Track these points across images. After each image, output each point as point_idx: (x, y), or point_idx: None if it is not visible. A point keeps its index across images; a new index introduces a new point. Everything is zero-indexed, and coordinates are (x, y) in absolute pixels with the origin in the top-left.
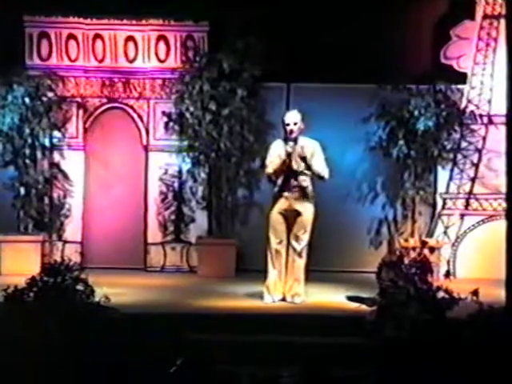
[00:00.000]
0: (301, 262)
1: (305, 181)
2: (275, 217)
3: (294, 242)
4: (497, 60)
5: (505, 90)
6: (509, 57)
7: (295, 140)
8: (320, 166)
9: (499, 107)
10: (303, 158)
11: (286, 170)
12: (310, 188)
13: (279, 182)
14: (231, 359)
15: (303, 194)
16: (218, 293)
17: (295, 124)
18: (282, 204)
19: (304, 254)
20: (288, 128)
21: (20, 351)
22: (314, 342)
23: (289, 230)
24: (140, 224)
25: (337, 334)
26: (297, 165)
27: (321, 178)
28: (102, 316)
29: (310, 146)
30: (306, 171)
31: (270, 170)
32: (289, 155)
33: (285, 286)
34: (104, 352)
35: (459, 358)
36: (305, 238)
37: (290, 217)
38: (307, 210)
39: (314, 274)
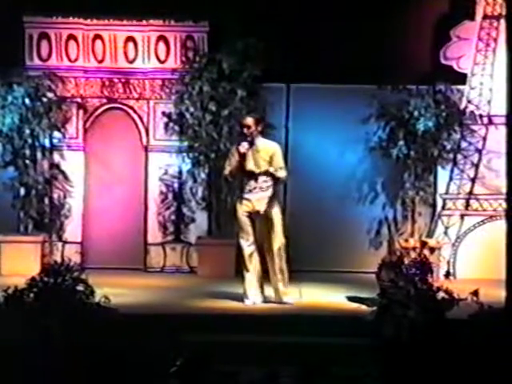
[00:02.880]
0: (280, 263)
1: (265, 182)
2: (241, 219)
3: (267, 245)
4: (497, 60)
5: (505, 90)
6: (509, 57)
7: (251, 142)
8: (276, 167)
9: (499, 108)
10: (260, 159)
11: (245, 171)
12: (271, 189)
13: (241, 184)
14: (231, 360)
15: (265, 195)
16: (217, 293)
17: (249, 128)
18: (245, 206)
19: (281, 255)
20: (244, 130)
21: (20, 352)
22: (314, 342)
23: (258, 231)
24: (140, 224)
25: (336, 335)
26: (256, 166)
27: (277, 178)
28: (102, 317)
29: (267, 148)
30: (266, 172)
31: (226, 171)
32: (243, 156)
33: (272, 289)
34: (104, 353)
35: (459, 359)
36: (276, 238)
37: (257, 218)
38: (272, 210)
39: (314, 274)
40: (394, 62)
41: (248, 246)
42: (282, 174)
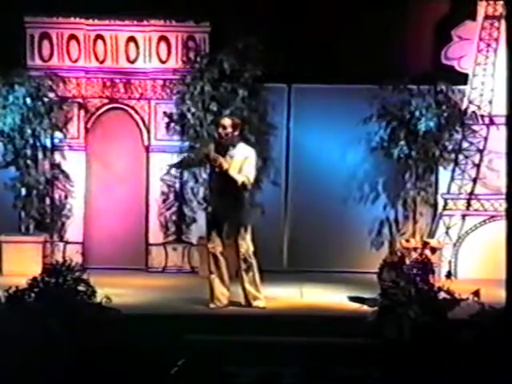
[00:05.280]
0: (249, 266)
1: (231, 187)
2: (209, 221)
3: (236, 248)
4: (498, 61)
5: (506, 90)
6: (509, 57)
7: (226, 145)
8: (242, 174)
9: (500, 108)
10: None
11: (218, 173)
12: (240, 192)
13: (210, 187)
14: (232, 360)
15: (234, 199)
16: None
17: (224, 128)
18: (214, 209)
19: (250, 258)
20: (219, 129)
21: (21, 352)
22: (315, 342)
23: (227, 234)
24: (141, 225)
25: (338, 335)
26: (218, 169)
27: (237, 184)
28: (104, 317)
29: (241, 154)
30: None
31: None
32: (207, 156)
33: (243, 292)
34: (105, 352)
35: (460, 359)
36: (244, 242)
37: (224, 221)
38: (239, 214)
39: (315, 274)
40: (395, 62)
41: (212, 247)
42: (240, 178)
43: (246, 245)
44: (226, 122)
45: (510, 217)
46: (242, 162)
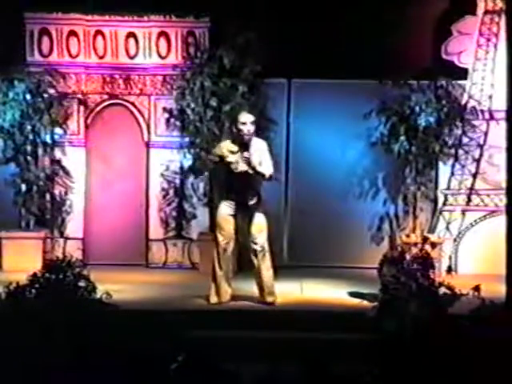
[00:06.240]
0: (264, 263)
1: (252, 182)
2: (223, 217)
3: (251, 244)
4: (498, 55)
5: (506, 85)
6: (509, 52)
7: (246, 142)
8: (265, 167)
9: (500, 103)
10: (247, 161)
11: (235, 172)
12: (259, 188)
13: (228, 183)
14: (232, 356)
15: (255, 194)
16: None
17: (250, 125)
18: (231, 205)
19: (267, 252)
20: (241, 127)
21: (22, 348)
22: (315, 337)
23: (238, 231)
24: (141, 220)
25: (338, 330)
26: (245, 165)
27: (263, 177)
28: (104, 313)
29: (258, 146)
30: (253, 172)
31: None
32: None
33: (257, 288)
34: (106, 348)
35: (461, 354)
36: (262, 235)
37: (241, 218)
38: (260, 208)
39: (316, 269)
40: (395, 57)
41: (225, 243)
42: (266, 171)
43: (263, 238)
44: (250, 118)
45: (511, 212)
46: (260, 156)
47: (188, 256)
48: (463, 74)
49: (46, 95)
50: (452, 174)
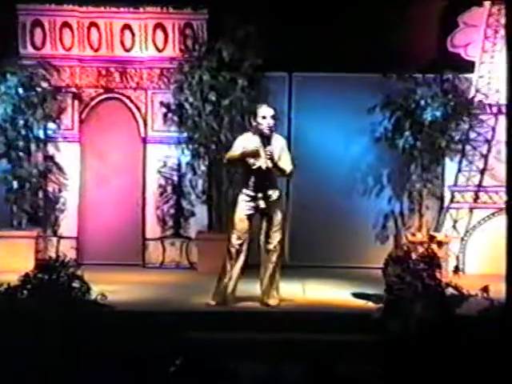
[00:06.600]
0: (275, 261)
1: (272, 179)
2: (240, 216)
3: (265, 243)
4: (506, 48)
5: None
6: (508, 46)
7: (267, 136)
8: (286, 163)
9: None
10: (270, 157)
11: (254, 168)
12: (277, 186)
13: (247, 179)
14: (232, 358)
15: (275, 191)
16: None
17: (272, 118)
18: (250, 202)
19: (281, 251)
20: (263, 121)
21: (14, 350)
22: (318, 339)
23: (266, 228)
24: (138, 219)
25: (342, 332)
26: (266, 163)
27: (284, 173)
28: (99, 314)
29: (279, 142)
30: (273, 169)
31: (225, 160)
32: (256, 151)
33: (261, 287)
34: (101, 351)
35: (468, 357)
36: (278, 234)
37: (257, 216)
38: (280, 206)
39: (319, 269)
40: (399, 49)
41: (239, 244)
42: (287, 167)
43: (278, 238)
44: (270, 112)
45: (510, 209)
46: (280, 152)
47: (186, 255)
48: (470, 66)
49: (39, 89)
50: (459, 170)
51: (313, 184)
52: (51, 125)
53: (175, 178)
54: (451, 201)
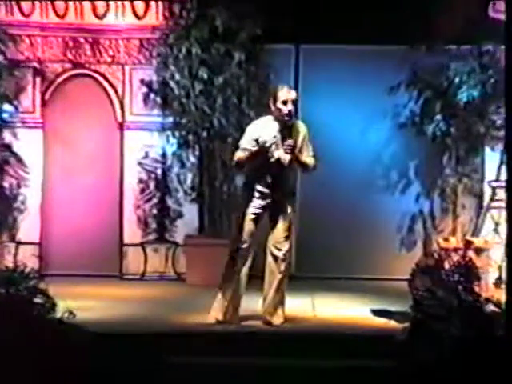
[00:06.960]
0: (282, 272)
1: (288, 174)
2: (247, 217)
3: (274, 250)
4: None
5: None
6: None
7: (288, 124)
8: (309, 156)
9: None
10: (290, 148)
11: (267, 164)
12: (293, 184)
13: (255, 174)
14: None
15: (291, 189)
16: (210, 306)
17: (293, 103)
18: (258, 202)
19: (285, 263)
20: (282, 106)
21: None
22: (331, 366)
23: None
24: (114, 220)
25: (360, 357)
26: (288, 154)
27: (306, 168)
28: (66, 336)
29: (300, 132)
30: (294, 163)
31: (233, 162)
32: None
33: (263, 303)
34: (70, 377)
35: None
36: (287, 243)
37: (266, 217)
38: (293, 207)
39: (331, 281)
40: (429, 16)
41: (245, 249)
42: (310, 160)
43: (288, 245)
44: (292, 95)
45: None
46: (301, 142)
47: (172, 265)
48: None
49: None
50: (501, 162)
51: (323, 179)
52: (7, 107)
53: (159, 172)
54: (492, 199)
